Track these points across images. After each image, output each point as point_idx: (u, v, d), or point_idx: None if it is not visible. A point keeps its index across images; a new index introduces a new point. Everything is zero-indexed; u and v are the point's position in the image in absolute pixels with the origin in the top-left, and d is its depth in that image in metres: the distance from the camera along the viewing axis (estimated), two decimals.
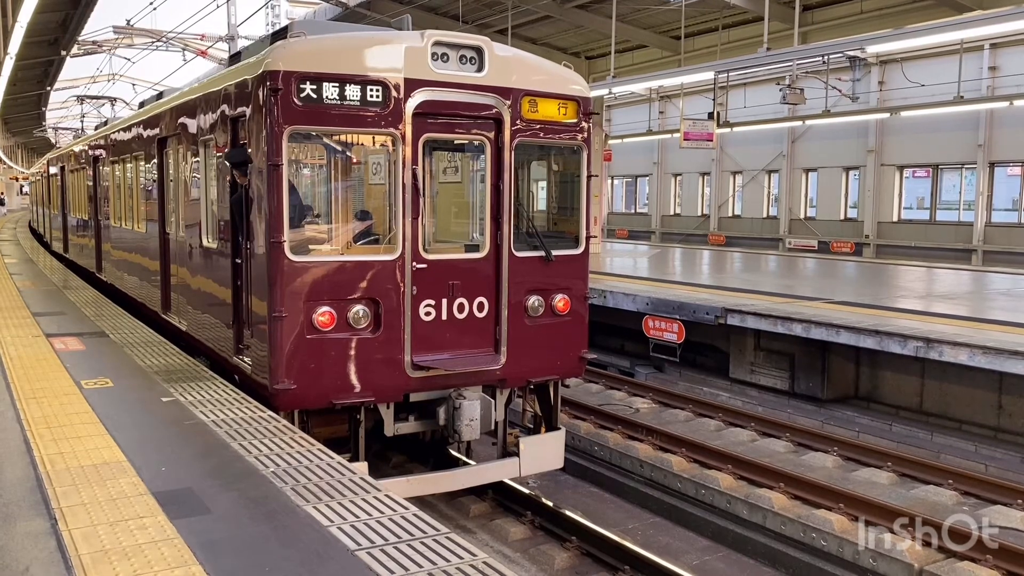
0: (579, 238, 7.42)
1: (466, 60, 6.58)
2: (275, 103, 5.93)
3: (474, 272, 6.80)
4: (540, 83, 6.99)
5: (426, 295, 6.54)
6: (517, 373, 7.04)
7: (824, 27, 16.55)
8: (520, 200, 7.12)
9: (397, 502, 4.13)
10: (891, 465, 8.53)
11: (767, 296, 12.76)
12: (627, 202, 39.33)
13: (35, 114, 35.47)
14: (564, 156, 7.59)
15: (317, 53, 6.23)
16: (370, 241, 6.68)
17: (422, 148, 6.52)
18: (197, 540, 3.61)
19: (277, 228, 6.02)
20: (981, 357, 8.85)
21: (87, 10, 17.25)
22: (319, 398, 6.29)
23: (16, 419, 5.44)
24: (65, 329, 8.75)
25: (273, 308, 6.07)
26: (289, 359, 6.10)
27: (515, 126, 6.80)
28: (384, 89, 6.21)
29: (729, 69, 16.18)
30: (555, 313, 7.18)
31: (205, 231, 7.73)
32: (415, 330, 6.49)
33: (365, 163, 7.06)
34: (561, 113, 7.08)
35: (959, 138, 23.58)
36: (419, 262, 6.49)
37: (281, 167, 5.98)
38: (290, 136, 6.04)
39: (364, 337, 6.33)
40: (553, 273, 7.15)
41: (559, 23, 19.68)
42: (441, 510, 8.17)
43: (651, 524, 8.20)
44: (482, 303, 6.81)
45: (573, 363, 7.46)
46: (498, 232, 6.83)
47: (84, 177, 14.78)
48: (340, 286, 6.27)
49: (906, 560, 6.48)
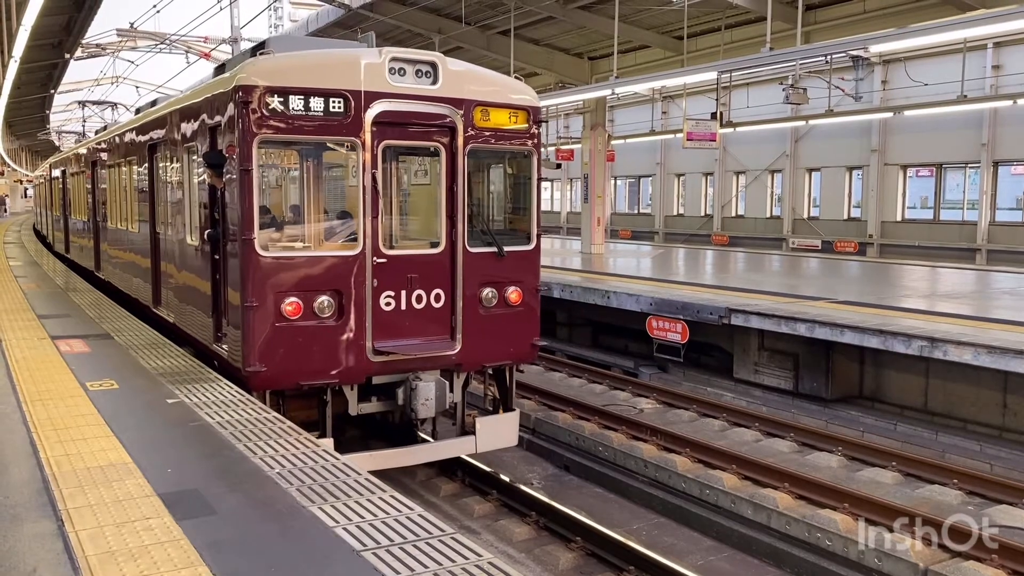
0: (531, 235, 8.04)
1: (422, 74, 7.24)
2: (245, 114, 6.59)
3: (431, 266, 7.44)
4: (491, 94, 7.65)
5: (386, 287, 7.16)
6: (472, 358, 7.68)
7: (827, 26, 16.50)
8: (473, 200, 7.80)
9: (403, 503, 4.14)
10: (896, 465, 8.52)
11: (771, 296, 12.75)
12: (630, 202, 39.32)
13: (39, 117, 35.52)
14: (517, 160, 8.21)
15: (284, 69, 6.91)
16: (344, 237, 7.30)
17: (381, 154, 7.14)
18: (203, 541, 3.62)
19: (248, 226, 6.67)
20: (986, 356, 8.83)
21: (91, 13, 17.26)
22: (287, 380, 6.92)
23: (22, 421, 5.46)
24: (70, 331, 8.77)
25: (245, 299, 6.71)
26: (260, 344, 6.72)
27: (468, 133, 7.43)
28: (345, 101, 6.85)
29: (732, 69, 16.15)
30: (508, 304, 7.81)
31: (189, 230, 8.37)
32: (376, 319, 7.12)
33: (330, 167, 7.74)
34: (512, 121, 7.75)
35: (962, 137, 23.55)
36: (379, 257, 7.12)
37: (251, 172, 6.62)
38: (259, 144, 6.68)
39: (328, 325, 6.95)
40: (506, 267, 7.78)
41: (562, 24, 19.66)
42: (446, 511, 8.18)
43: (655, 524, 8.20)
44: (439, 294, 7.45)
45: (525, 349, 8.12)
46: (453, 230, 7.46)
47: (83, 180, 15.34)
48: (306, 279, 6.91)
49: (911, 560, 6.47)
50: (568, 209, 40.27)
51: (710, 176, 32.87)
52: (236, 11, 21.30)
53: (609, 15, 17.09)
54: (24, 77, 19.67)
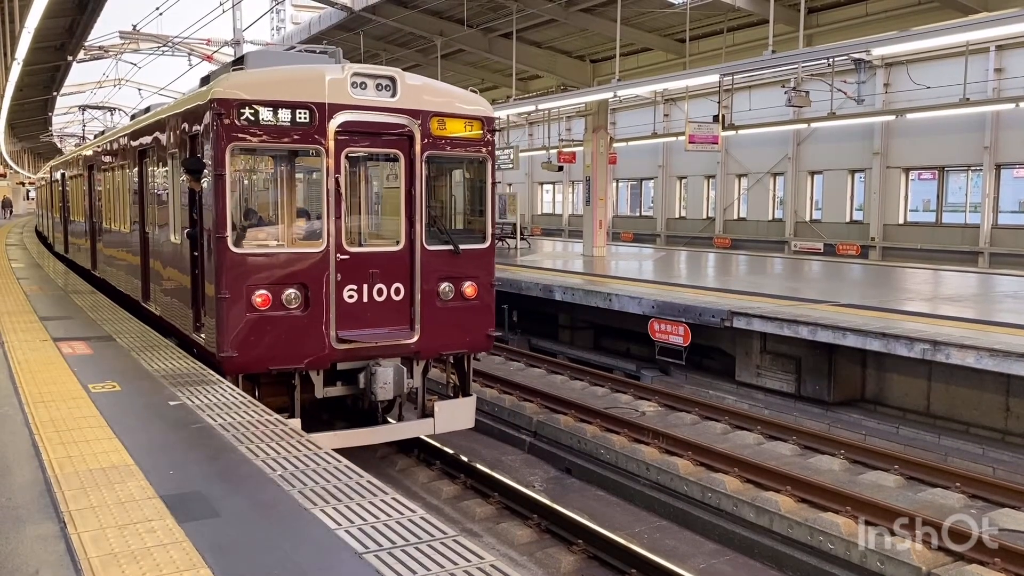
0: (486, 235, 8.72)
1: (382, 87, 7.85)
2: (220, 124, 7.24)
3: (391, 262, 8.05)
4: (447, 105, 8.31)
5: (349, 281, 7.77)
6: (430, 347, 8.28)
7: (829, 29, 16.51)
8: (432, 202, 8.41)
9: (405, 505, 4.14)
10: (898, 468, 8.51)
11: (773, 299, 12.74)
12: (632, 205, 39.31)
13: (41, 119, 35.57)
14: (473, 166, 8.87)
15: (255, 84, 7.56)
16: (310, 236, 7.92)
17: (344, 160, 7.75)
18: (206, 543, 3.62)
19: (221, 225, 7.31)
20: (988, 360, 8.82)
21: (94, 15, 17.29)
22: (258, 365, 7.54)
23: (24, 423, 5.46)
24: (72, 333, 8.77)
25: (219, 291, 7.35)
26: (232, 332, 7.35)
27: (425, 141, 8.04)
28: (310, 112, 7.46)
29: (734, 72, 16.16)
30: (464, 298, 8.42)
31: (172, 229, 8.98)
32: (339, 310, 7.70)
33: (296, 172, 8.39)
34: (467, 130, 8.38)
35: (965, 140, 23.52)
36: (342, 254, 7.73)
37: (224, 176, 7.26)
38: (231, 151, 7.32)
39: (295, 315, 7.55)
40: (462, 264, 8.40)
41: (564, 26, 19.68)
42: (447, 513, 8.19)
43: (657, 527, 8.19)
44: (398, 288, 8.05)
45: (481, 339, 8.73)
46: (412, 229, 8.07)
47: (80, 183, 16.01)
48: (274, 273, 7.54)
49: (913, 563, 6.46)
50: (570, 212, 40.27)
51: (712, 179, 32.86)
52: (238, 14, 21.30)
53: (611, 18, 17.11)
54: (27, 79, 19.70)
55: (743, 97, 27.26)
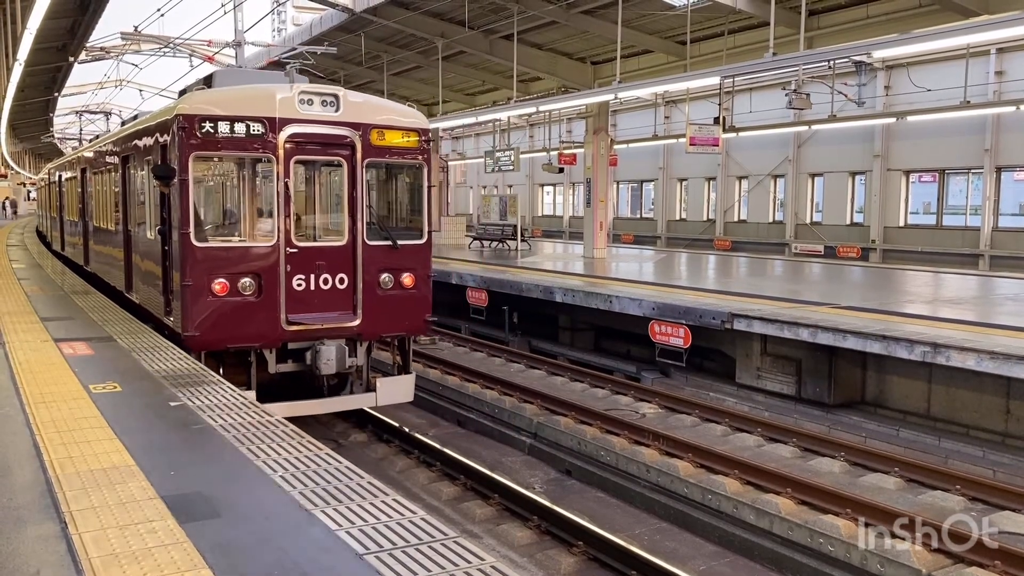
0: (423, 231, 9.80)
1: (327, 103, 8.92)
2: (183, 136, 8.33)
3: (336, 255, 9.09)
4: (386, 119, 9.37)
5: (297, 271, 8.81)
6: (371, 330, 9.35)
7: (830, 32, 16.51)
8: (373, 203, 9.50)
9: (405, 506, 4.14)
10: (898, 470, 8.51)
11: (773, 301, 12.75)
12: (632, 207, 39.32)
13: (43, 120, 35.59)
14: (412, 171, 9.89)
15: (214, 101, 8.72)
16: (263, 232, 9.00)
17: (293, 167, 8.83)
18: (207, 543, 3.62)
19: (184, 222, 8.39)
20: (989, 362, 8.82)
21: (95, 16, 17.31)
22: (218, 343, 8.60)
23: (25, 423, 5.47)
24: (73, 334, 8.79)
25: (183, 279, 8.45)
26: (194, 315, 8.45)
27: (365, 150, 9.08)
28: (262, 125, 8.54)
29: (735, 74, 16.17)
30: (402, 287, 9.45)
31: (148, 227, 10.00)
32: (289, 296, 8.76)
33: (252, 176, 9.29)
34: (404, 140, 9.41)
35: (965, 143, 23.53)
36: (291, 247, 8.77)
37: (188, 180, 8.37)
38: (193, 159, 8.42)
39: (250, 301, 8.61)
40: (400, 257, 9.43)
41: (565, 28, 19.69)
42: (447, 515, 8.19)
43: (657, 529, 8.19)
44: (342, 278, 9.08)
45: (419, 324, 9.85)
46: (354, 226, 9.12)
47: (75, 185, 17.04)
48: (232, 264, 8.63)
49: (913, 565, 6.46)
50: (570, 213, 40.28)
51: (713, 181, 32.87)
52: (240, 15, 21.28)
53: (612, 20, 17.13)
54: (28, 80, 19.73)
55: (744, 99, 27.29)
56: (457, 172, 39.55)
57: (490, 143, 33.18)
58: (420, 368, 13.59)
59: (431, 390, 12.76)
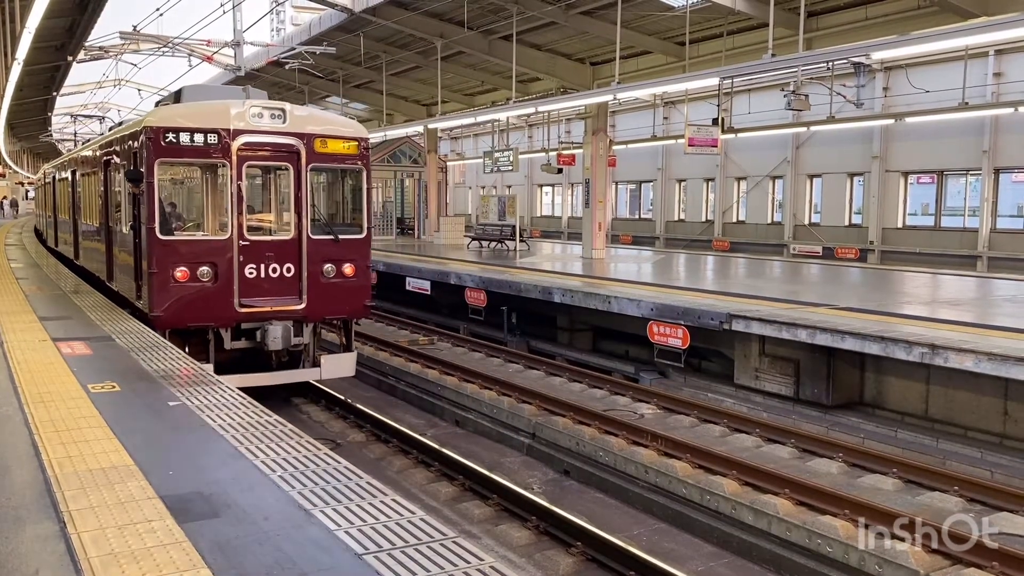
0: (362, 227, 11.11)
1: (275, 116, 10.29)
2: (150, 145, 9.71)
3: (283, 248, 10.43)
4: (328, 130, 10.72)
5: (249, 261, 10.11)
6: (315, 313, 10.62)
7: (829, 33, 16.52)
8: (317, 202, 11.10)
9: (404, 507, 4.14)
10: (896, 471, 8.51)
11: (772, 302, 12.75)
12: (631, 208, 39.31)
13: (41, 119, 35.54)
14: (352, 175, 11.37)
15: (176, 115, 10.09)
16: (219, 227, 10.41)
17: (246, 171, 10.16)
18: (206, 543, 3.63)
19: (151, 219, 9.77)
20: (987, 363, 8.83)
21: (94, 16, 17.28)
22: (179, 322, 9.89)
23: (24, 423, 5.47)
24: (72, 333, 8.78)
25: (150, 267, 9.83)
26: (160, 298, 9.78)
27: (309, 157, 10.41)
28: (218, 135, 9.88)
29: (734, 75, 16.17)
30: (344, 276, 10.76)
31: (124, 223, 11.12)
32: (241, 283, 10.05)
33: (211, 179, 10.77)
34: (345, 148, 10.75)
35: (964, 144, 23.55)
36: (244, 240, 10.07)
37: (153, 183, 9.76)
38: (159, 164, 9.86)
39: (208, 286, 9.94)
40: (342, 249, 10.77)
41: (564, 29, 19.71)
42: (446, 515, 8.19)
43: (656, 530, 8.20)
44: (289, 267, 10.38)
45: (359, 308, 11.15)
46: (300, 222, 10.42)
47: (67, 185, 18.18)
48: (191, 254, 9.96)
49: (911, 566, 6.47)
50: (569, 214, 40.28)
51: (711, 182, 32.88)
52: (239, 15, 21.29)
53: (611, 21, 17.14)
54: (27, 79, 19.70)
55: (742, 100, 27.32)
56: (456, 172, 39.52)
57: (489, 143, 33.20)
58: (419, 368, 13.66)
59: (431, 390, 12.78)
